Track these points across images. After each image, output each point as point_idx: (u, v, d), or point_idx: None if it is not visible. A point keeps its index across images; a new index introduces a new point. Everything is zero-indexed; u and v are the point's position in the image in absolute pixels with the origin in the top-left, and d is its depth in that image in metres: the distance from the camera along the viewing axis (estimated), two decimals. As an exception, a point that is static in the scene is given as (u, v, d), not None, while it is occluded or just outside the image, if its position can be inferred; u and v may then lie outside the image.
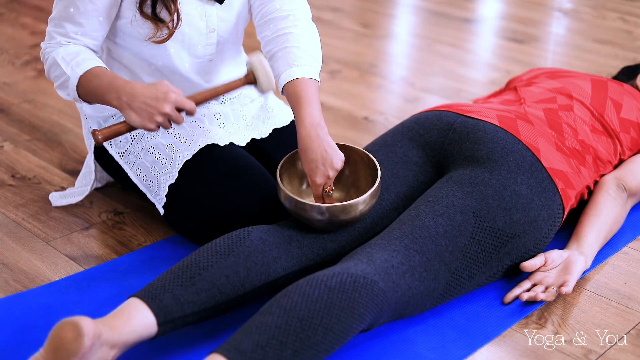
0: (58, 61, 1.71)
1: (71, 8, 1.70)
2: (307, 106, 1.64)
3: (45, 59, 1.77)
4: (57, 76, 1.74)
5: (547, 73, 2.12)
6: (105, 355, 1.36)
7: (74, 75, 1.69)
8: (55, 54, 1.72)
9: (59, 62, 1.71)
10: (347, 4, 4.03)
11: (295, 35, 1.74)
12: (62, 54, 1.71)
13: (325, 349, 1.36)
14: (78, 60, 1.70)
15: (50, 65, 1.74)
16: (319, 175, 1.61)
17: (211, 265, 1.51)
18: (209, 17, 1.78)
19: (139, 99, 1.62)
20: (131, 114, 1.63)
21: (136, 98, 1.62)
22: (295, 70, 1.68)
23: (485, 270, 1.63)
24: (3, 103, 2.66)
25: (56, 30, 1.74)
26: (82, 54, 1.72)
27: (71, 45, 1.74)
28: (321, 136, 1.61)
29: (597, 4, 4.03)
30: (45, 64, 1.77)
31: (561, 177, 1.72)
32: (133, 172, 1.85)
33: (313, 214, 1.59)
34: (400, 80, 3.03)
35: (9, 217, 1.98)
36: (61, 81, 1.73)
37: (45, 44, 1.77)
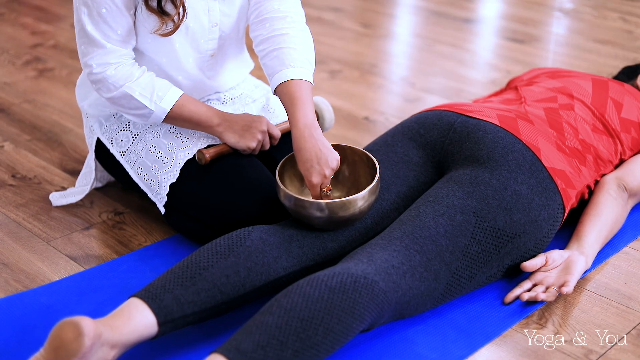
0: (136, 97, 1.74)
1: (103, 9, 1.68)
2: (301, 107, 1.64)
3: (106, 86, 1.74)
4: (134, 108, 1.76)
5: (548, 73, 2.12)
6: (105, 355, 1.36)
7: (161, 110, 1.76)
8: (129, 89, 1.73)
9: (137, 99, 1.74)
10: (347, 4, 4.03)
11: (292, 36, 1.74)
12: (137, 89, 1.74)
13: (325, 349, 1.36)
14: (159, 94, 1.75)
15: (122, 97, 1.75)
16: (314, 174, 1.61)
17: (211, 265, 1.51)
18: (211, 11, 1.79)
19: (239, 123, 1.79)
20: (234, 136, 1.78)
21: (237, 123, 1.79)
22: (291, 71, 1.69)
23: (486, 270, 1.63)
24: (3, 103, 2.66)
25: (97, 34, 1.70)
26: (156, 84, 1.76)
27: (135, 72, 1.74)
28: (315, 136, 1.62)
29: (598, 4, 4.03)
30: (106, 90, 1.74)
31: (562, 176, 1.72)
32: (134, 171, 1.85)
33: (312, 211, 1.59)
34: (401, 80, 3.03)
35: (10, 217, 1.98)
36: (140, 113, 1.77)
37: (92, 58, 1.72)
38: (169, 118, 1.78)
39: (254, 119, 1.80)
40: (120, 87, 1.73)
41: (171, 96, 1.76)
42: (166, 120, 1.79)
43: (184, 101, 1.78)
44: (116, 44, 1.72)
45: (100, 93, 1.77)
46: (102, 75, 1.73)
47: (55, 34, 3.33)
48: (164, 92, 1.76)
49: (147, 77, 1.76)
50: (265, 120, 1.81)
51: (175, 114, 1.77)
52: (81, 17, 1.71)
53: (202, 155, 1.77)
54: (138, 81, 1.74)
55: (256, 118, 1.81)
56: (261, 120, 1.80)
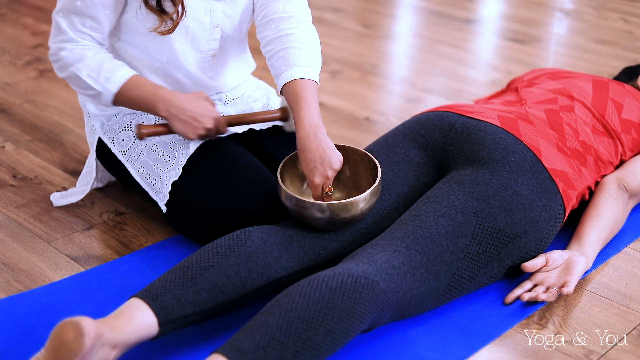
0: (83, 78, 1.73)
1: (78, 1, 1.70)
2: (306, 107, 1.64)
3: (60, 65, 1.77)
4: (84, 88, 1.76)
5: (548, 74, 2.12)
6: (106, 356, 1.36)
7: (107, 92, 1.74)
8: (76, 69, 1.73)
9: (84, 79, 1.73)
10: (348, 5, 4.03)
11: (297, 36, 1.74)
12: (84, 70, 1.73)
13: (326, 349, 1.36)
14: (106, 75, 1.73)
15: (71, 77, 1.75)
16: (317, 175, 1.62)
17: (212, 265, 1.51)
18: (213, 12, 1.79)
19: (187, 113, 1.74)
20: (178, 125, 1.75)
21: (184, 112, 1.74)
22: (296, 70, 1.69)
23: (487, 271, 1.63)
24: (4, 103, 2.67)
25: (64, 22, 1.73)
26: (105, 65, 1.73)
27: (88, 52, 1.73)
28: (319, 136, 1.62)
29: (598, 5, 4.03)
30: (60, 69, 1.77)
31: (562, 177, 1.72)
32: (135, 170, 1.85)
33: (313, 212, 1.59)
34: (402, 81, 3.03)
35: (10, 218, 1.98)
36: (90, 93, 1.76)
37: (53, 42, 1.76)
38: (118, 101, 1.76)
39: (204, 114, 1.76)
40: (70, 67, 1.74)
41: (119, 78, 1.74)
42: (116, 102, 1.77)
43: (132, 84, 1.75)
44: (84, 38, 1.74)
45: (58, 73, 1.79)
46: (58, 56, 1.75)
47: (56, 35, 3.33)
48: (111, 74, 1.73)
49: (98, 58, 1.74)
50: (215, 118, 1.77)
51: (122, 96, 1.75)
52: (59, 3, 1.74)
53: (139, 131, 1.77)
54: (87, 62, 1.74)
55: (206, 113, 1.76)
56: (211, 117, 1.76)
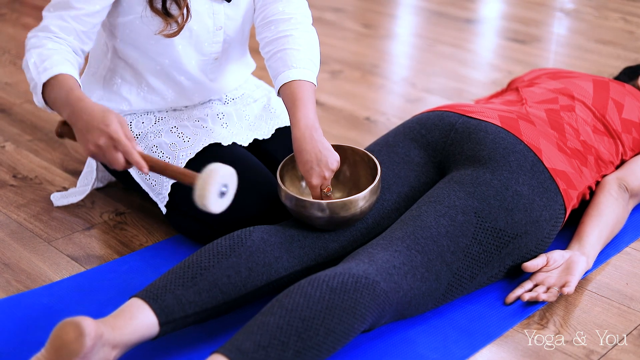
0: (29, 65, 1.61)
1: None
2: (302, 108, 1.64)
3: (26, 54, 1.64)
4: (29, 79, 1.63)
5: (549, 73, 2.12)
6: (106, 356, 1.36)
7: (39, 82, 1.58)
8: (29, 55, 1.62)
9: (29, 67, 1.61)
10: (348, 5, 4.03)
11: (296, 38, 1.74)
12: (34, 58, 1.60)
13: (327, 349, 1.36)
14: (46, 65, 1.58)
15: (25, 67, 1.64)
16: (314, 176, 1.62)
17: (213, 265, 1.51)
18: (216, 14, 1.79)
19: (82, 121, 1.50)
20: (77, 134, 1.53)
21: (80, 119, 1.51)
22: (294, 72, 1.69)
23: (487, 271, 1.63)
24: (5, 103, 2.67)
25: (50, 14, 1.66)
26: (53, 57, 1.59)
27: (49, 44, 1.62)
28: (315, 137, 1.61)
29: (599, 5, 4.03)
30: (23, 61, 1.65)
31: (563, 177, 1.72)
32: (135, 171, 1.85)
33: (313, 211, 1.59)
34: (402, 81, 3.03)
35: (11, 218, 1.98)
36: (31, 86, 1.62)
37: (32, 31, 1.67)
38: (45, 95, 1.59)
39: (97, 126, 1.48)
40: (27, 52, 1.63)
41: (54, 70, 1.58)
42: (46, 100, 1.59)
43: (61, 81, 1.57)
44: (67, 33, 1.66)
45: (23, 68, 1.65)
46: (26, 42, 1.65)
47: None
48: (51, 65, 1.58)
49: (51, 50, 1.61)
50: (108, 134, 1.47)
51: (49, 88, 1.58)
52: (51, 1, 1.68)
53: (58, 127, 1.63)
54: (41, 50, 1.61)
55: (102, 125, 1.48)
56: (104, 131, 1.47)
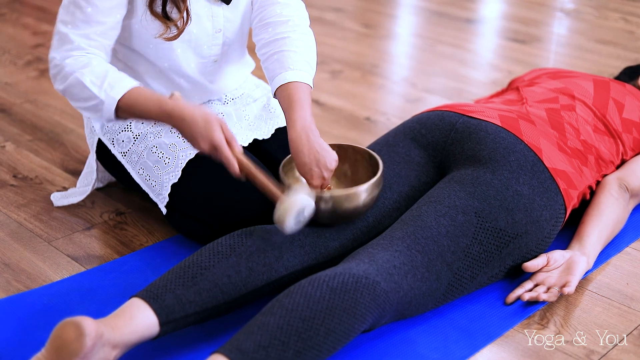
0: (87, 84, 1.62)
1: (88, 7, 1.65)
2: (298, 109, 1.64)
3: (62, 75, 1.66)
4: (86, 98, 1.64)
5: (549, 73, 2.12)
6: (107, 356, 1.36)
7: (110, 100, 1.62)
8: (80, 75, 1.63)
9: (87, 86, 1.63)
10: (348, 5, 4.03)
11: (293, 39, 1.74)
12: (89, 77, 1.62)
13: (327, 349, 1.36)
14: (110, 82, 1.62)
15: (73, 85, 1.65)
16: (314, 177, 1.62)
17: (213, 265, 1.51)
18: (215, 17, 1.79)
19: (187, 130, 1.58)
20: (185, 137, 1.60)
21: (185, 128, 1.58)
22: (290, 73, 1.69)
23: (488, 271, 1.63)
24: (5, 103, 2.67)
25: (73, 32, 1.66)
26: (110, 74, 1.64)
27: (93, 61, 1.65)
28: (312, 138, 1.61)
29: (599, 5, 4.02)
30: (61, 80, 1.67)
31: (563, 177, 1.72)
32: (135, 172, 1.85)
33: (317, 204, 1.59)
34: (402, 81, 3.03)
35: (11, 218, 1.98)
36: (92, 104, 1.64)
37: (58, 51, 1.67)
38: (121, 111, 1.64)
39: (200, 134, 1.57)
40: (73, 73, 1.64)
41: (123, 86, 1.63)
42: (119, 113, 1.64)
43: (137, 93, 1.63)
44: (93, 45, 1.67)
45: (56, 86, 1.68)
46: (61, 65, 1.66)
47: (57, 34, 3.33)
48: (115, 81, 1.63)
49: (104, 67, 1.65)
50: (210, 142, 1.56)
51: (125, 105, 1.62)
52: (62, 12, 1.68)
53: None
54: (92, 69, 1.64)
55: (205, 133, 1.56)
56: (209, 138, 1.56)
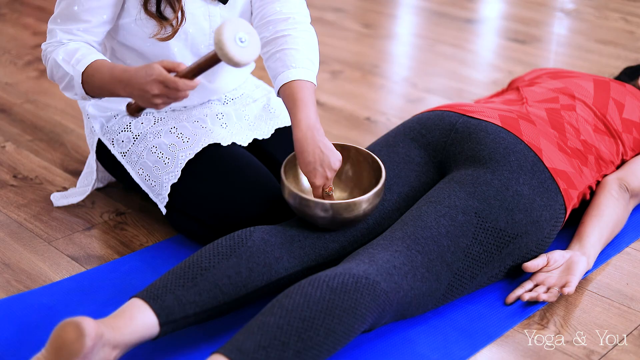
0: (59, 62, 1.70)
1: (75, 6, 1.70)
2: (303, 108, 1.64)
3: (46, 61, 1.76)
4: (61, 77, 1.73)
5: (550, 73, 2.12)
6: (107, 356, 1.36)
7: (77, 73, 1.68)
8: (55, 54, 1.71)
9: (60, 63, 1.70)
10: (349, 5, 4.03)
11: (294, 37, 1.74)
12: (62, 55, 1.70)
13: (327, 350, 1.36)
14: (77, 57, 1.69)
15: (52, 67, 1.73)
16: (317, 176, 1.61)
17: (213, 265, 1.51)
18: (212, 17, 1.78)
19: (134, 87, 1.59)
20: (139, 100, 1.61)
21: (132, 86, 1.60)
22: (293, 72, 1.68)
23: (488, 271, 1.63)
24: (5, 103, 2.67)
25: (59, 27, 1.73)
26: (80, 50, 1.70)
27: (71, 43, 1.73)
28: (317, 137, 1.61)
29: (599, 5, 4.02)
30: (47, 66, 1.76)
31: (563, 177, 1.72)
32: (135, 172, 1.85)
33: (317, 211, 1.59)
34: (402, 81, 3.03)
35: (11, 218, 1.98)
36: (66, 82, 1.72)
37: (46, 44, 1.76)
38: (86, 83, 1.68)
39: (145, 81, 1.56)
40: (51, 54, 1.73)
41: (88, 59, 1.68)
42: (85, 87, 1.68)
43: (99, 66, 1.67)
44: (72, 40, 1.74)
45: (48, 74, 1.77)
46: (45, 53, 1.75)
47: (57, 35, 3.33)
48: (83, 56, 1.69)
49: (77, 45, 1.72)
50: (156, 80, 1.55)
51: (88, 76, 1.67)
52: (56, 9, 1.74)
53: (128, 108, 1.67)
54: (65, 47, 1.71)
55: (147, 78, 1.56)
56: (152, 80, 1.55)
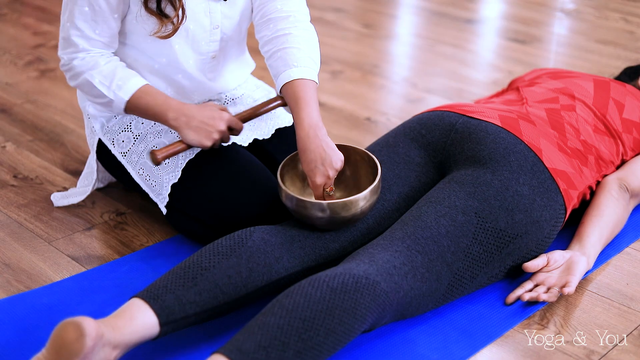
0: (95, 85, 1.74)
1: (86, 7, 1.70)
2: (305, 107, 1.64)
3: (72, 74, 1.77)
4: (97, 96, 1.77)
5: (550, 73, 2.12)
6: (107, 356, 1.36)
7: (119, 100, 1.74)
8: (90, 76, 1.74)
9: (96, 86, 1.74)
10: (349, 5, 4.03)
11: (295, 36, 1.74)
12: (98, 77, 1.73)
13: (327, 350, 1.36)
14: (118, 82, 1.74)
15: (84, 85, 1.76)
16: (318, 175, 1.62)
17: (213, 265, 1.51)
18: (213, 13, 1.79)
19: (197, 119, 1.73)
20: (190, 133, 1.73)
21: (194, 118, 1.73)
22: (295, 71, 1.69)
23: (488, 271, 1.63)
24: (5, 103, 2.67)
25: (73, 32, 1.73)
26: (118, 73, 1.74)
27: (101, 62, 1.74)
28: (319, 136, 1.62)
29: (599, 5, 4.02)
30: (72, 78, 1.78)
31: (563, 177, 1.72)
32: (135, 172, 1.85)
33: (314, 212, 1.59)
34: (403, 81, 3.03)
35: (11, 218, 1.98)
36: (103, 101, 1.77)
37: (64, 53, 1.76)
38: (129, 109, 1.77)
39: (213, 116, 1.75)
40: (82, 74, 1.75)
41: (131, 86, 1.74)
42: (127, 110, 1.77)
43: (143, 92, 1.75)
44: (96, 45, 1.75)
45: (70, 82, 1.79)
46: (70, 65, 1.76)
47: (57, 35, 3.32)
48: (124, 82, 1.74)
49: (111, 66, 1.75)
50: (225, 117, 1.75)
51: (133, 104, 1.75)
52: (66, 13, 1.74)
53: (154, 157, 1.72)
54: (100, 69, 1.74)
55: (216, 115, 1.75)
56: (221, 118, 1.75)
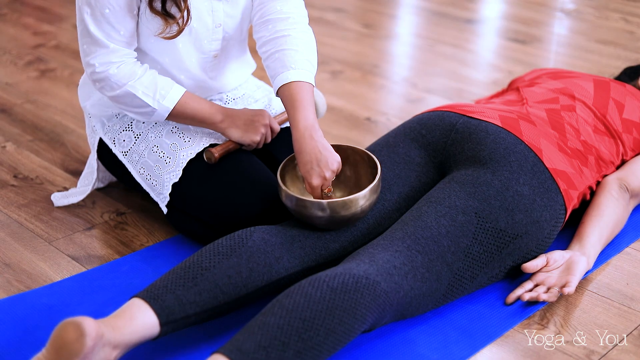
0: (139, 96, 1.74)
1: (106, 9, 1.68)
2: (301, 109, 1.65)
3: (108, 85, 1.74)
4: (138, 106, 1.77)
5: (550, 73, 2.12)
6: (107, 356, 1.36)
7: (163, 109, 1.77)
8: (132, 88, 1.73)
9: (140, 97, 1.75)
10: (349, 5, 4.03)
11: (294, 38, 1.75)
12: (141, 89, 1.74)
13: (327, 350, 1.36)
14: (161, 92, 1.76)
15: (124, 96, 1.75)
16: (314, 176, 1.62)
17: (213, 265, 1.51)
18: (215, 12, 1.79)
19: (241, 118, 1.81)
20: (238, 132, 1.80)
21: (239, 118, 1.81)
22: (292, 73, 1.69)
23: (488, 271, 1.63)
24: (5, 103, 2.67)
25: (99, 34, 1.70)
26: (159, 82, 1.76)
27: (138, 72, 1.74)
28: (315, 138, 1.62)
29: (600, 5, 4.02)
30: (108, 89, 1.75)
31: (563, 177, 1.72)
32: (136, 171, 1.86)
33: (314, 211, 1.59)
34: (403, 81, 3.03)
35: (12, 218, 1.98)
36: (143, 111, 1.78)
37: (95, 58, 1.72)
38: (172, 116, 1.79)
39: (256, 113, 1.82)
40: (123, 85, 1.74)
41: (174, 94, 1.77)
42: (169, 118, 1.80)
43: (187, 99, 1.79)
44: (119, 44, 1.73)
45: (103, 92, 1.77)
46: (105, 74, 1.74)
47: (57, 35, 3.33)
48: (166, 91, 1.76)
49: (150, 75, 1.76)
50: (266, 113, 1.84)
51: (178, 112, 1.78)
52: (84, 17, 1.71)
53: (212, 155, 1.77)
54: (141, 80, 1.75)
55: (258, 112, 1.83)
56: (263, 114, 1.82)
